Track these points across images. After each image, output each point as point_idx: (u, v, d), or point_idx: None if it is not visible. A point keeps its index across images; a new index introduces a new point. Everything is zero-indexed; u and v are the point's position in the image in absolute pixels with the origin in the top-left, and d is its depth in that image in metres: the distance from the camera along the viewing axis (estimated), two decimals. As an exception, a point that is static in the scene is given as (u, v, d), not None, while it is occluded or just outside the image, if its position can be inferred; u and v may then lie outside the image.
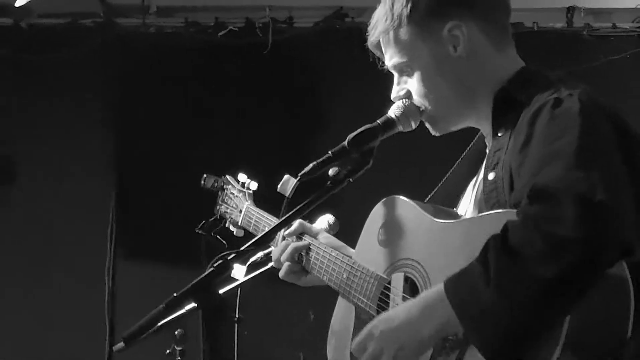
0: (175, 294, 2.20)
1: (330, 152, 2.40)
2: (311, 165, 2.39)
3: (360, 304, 2.54)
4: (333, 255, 2.70)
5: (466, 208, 2.49)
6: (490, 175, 2.31)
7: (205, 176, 3.36)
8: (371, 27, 2.52)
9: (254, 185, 3.24)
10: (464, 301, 2.03)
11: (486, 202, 2.30)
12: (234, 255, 2.25)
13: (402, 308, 2.20)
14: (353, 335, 2.49)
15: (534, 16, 6.00)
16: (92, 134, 6.00)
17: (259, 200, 3.23)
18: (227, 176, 3.34)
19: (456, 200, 2.57)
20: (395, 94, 2.51)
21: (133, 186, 6.01)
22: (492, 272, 1.97)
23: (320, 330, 2.80)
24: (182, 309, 2.88)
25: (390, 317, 2.20)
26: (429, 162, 4.87)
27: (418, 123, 2.50)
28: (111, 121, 6.03)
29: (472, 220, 2.32)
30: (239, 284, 3.28)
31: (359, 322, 2.53)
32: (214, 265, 2.23)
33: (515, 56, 2.47)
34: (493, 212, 2.22)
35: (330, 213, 2.98)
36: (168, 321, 2.92)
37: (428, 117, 2.49)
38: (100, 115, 6.02)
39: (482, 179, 2.36)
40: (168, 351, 4.30)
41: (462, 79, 2.41)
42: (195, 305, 2.22)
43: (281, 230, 2.76)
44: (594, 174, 1.98)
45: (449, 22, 2.40)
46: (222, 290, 3.14)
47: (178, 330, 4.15)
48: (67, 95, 5.96)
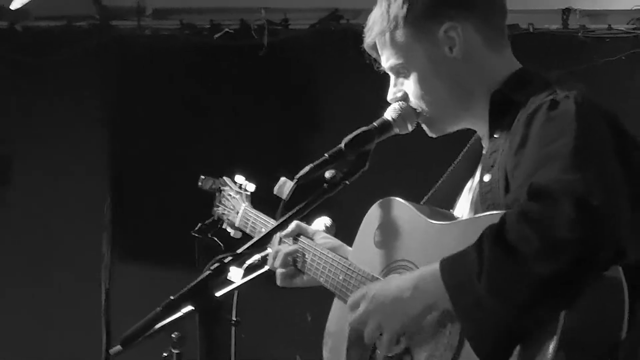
0: (172, 297, 2.19)
1: (326, 154, 2.40)
2: (307, 167, 2.39)
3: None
4: (329, 257, 2.70)
5: (463, 209, 2.49)
6: (486, 177, 2.32)
7: (202, 178, 3.36)
8: (367, 29, 2.52)
9: (251, 187, 3.25)
10: (458, 288, 2.06)
11: (482, 203, 2.30)
12: (230, 258, 2.25)
13: (397, 279, 2.26)
14: (349, 337, 2.49)
15: (529, 18, 6.00)
16: (88, 136, 6.00)
17: (255, 202, 3.23)
18: (225, 178, 3.34)
19: (453, 201, 2.58)
20: (391, 95, 2.51)
21: (130, 187, 6.01)
22: (486, 265, 2.00)
23: (318, 332, 2.80)
24: (179, 311, 2.89)
25: (385, 285, 2.27)
26: (425, 164, 4.87)
27: (414, 125, 2.50)
28: (108, 123, 6.03)
29: (468, 222, 2.33)
30: (235, 287, 3.28)
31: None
32: (211, 267, 2.23)
33: (511, 57, 2.48)
34: (488, 213, 2.22)
35: (327, 215, 2.98)
36: (165, 324, 2.93)
37: (425, 119, 2.49)
38: (96, 117, 6.02)
39: (478, 181, 2.36)
40: (165, 354, 4.29)
41: (459, 80, 2.42)
42: (192, 308, 2.22)
43: (278, 232, 2.77)
44: (589, 175, 1.99)
45: (445, 24, 2.40)
46: (219, 293, 3.13)
47: (175, 333, 4.13)
48: (64, 97, 5.96)
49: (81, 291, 5.90)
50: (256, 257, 3.23)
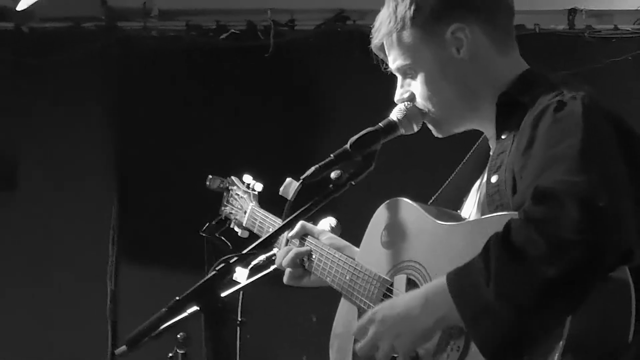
0: (177, 297, 2.20)
1: (332, 155, 2.40)
2: (313, 168, 2.39)
3: (362, 306, 2.54)
4: (336, 257, 2.70)
5: (470, 210, 2.49)
6: (493, 178, 2.32)
7: (210, 177, 3.37)
8: (374, 30, 2.52)
9: (259, 187, 3.25)
10: (465, 296, 2.04)
11: (489, 204, 2.30)
12: (236, 258, 2.25)
13: (404, 297, 2.25)
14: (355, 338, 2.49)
15: (535, 18, 5.99)
16: (94, 137, 6.01)
17: (261, 202, 3.23)
18: (233, 177, 3.34)
19: (460, 202, 2.58)
20: (398, 96, 2.51)
21: (136, 188, 6.02)
22: (493, 271, 1.99)
23: (323, 333, 2.80)
24: (185, 312, 2.89)
25: (392, 305, 2.24)
26: (431, 165, 4.87)
27: (420, 126, 2.50)
28: (113, 124, 6.04)
29: (475, 223, 2.33)
30: (241, 287, 3.28)
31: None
32: (217, 268, 2.23)
33: (518, 58, 2.48)
34: (496, 214, 2.22)
35: (333, 216, 2.98)
36: (170, 324, 2.93)
37: (431, 120, 2.49)
38: (102, 118, 6.03)
39: (486, 182, 2.36)
40: (170, 354, 4.30)
41: (466, 81, 2.42)
42: (198, 308, 2.22)
43: (283, 233, 2.76)
44: (596, 177, 1.99)
45: (452, 25, 2.40)
46: (224, 294, 3.13)
47: (180, 334, 4.14)
48: (69, 99, 5.97)
49: (87, 291, 5.91)
50: (262, 257, 3.22)
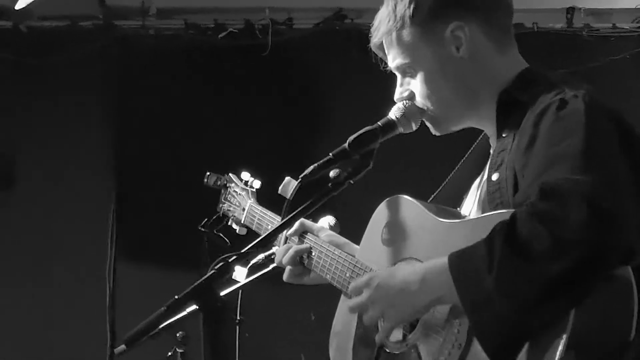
0: (176, 296, 2.20)
1: (330, 154, 2.40)
2: (312, 167, 2.39)
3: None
4: (336, 254, 2.70)
5: (470, 208, 2.49)
6: (494, 176, 2.32)
7: (208, 174, 3.36)
8: (374, 29, 2.52)
9: (257, 184, 3.25)
10: (466, 281, 2.05)
11: (490, 202, 2.30)
12: (235, 257, 2.25)
13: (404, 270, 2.25)
14: (355, 336, 2.49)
15: (534, 17, 6.00)
16: (92, 136, 6.01)
17: (260, 201, 3.23)
18: (230, 174, 3.34)
19: (459, 200, 2.58)
20: (398, 95, 2.51)
21: (134, 187, 6.01)
22: (496, 261, 1.99)
23: (322, 331, 2.80)
24: (184, 311, 2.89)
25: (391, 274, 2.26)
26: (430, 163, 4.88)
27: (419, 124, 2.50)
28: (111, 123, 6.04)
29: (476, 220, 2.32)
30: (240, 286, 3.28)
31: (362, 322, 2.52)
32: (215, 267, 2.23)
33: (518, 57, 2.48)
34: (497, 212, 2.22)
35: (331, 214, 2.97)
36: (169, 323, 2.93)
37: (430, 118, 2.49)
38: (100, 117, 6.03)
39: (486, 180, 2.36)
40: (169, 353, 4.30)
41: (465, 80, 2.42)
42: (197, 307, 2.22)
43: (282, 232, 2.76)
44: (600, 176, 1.99)
45: (451, 23, 2.40)
46: (223, 292, 3.13)
47: (179, 333, 4.15)
48: (67, 98, 5.97)
49: (86, 291, 5.91)
50: (260, 256, 3.23)
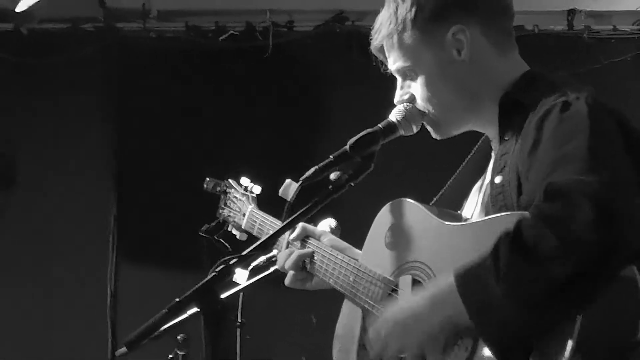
0: (177, 299, 2.19)
1: (331, 156, 2.40)
2: (312, 169, 2.39)
3: (367, 307, 2.54)
4: (339, 258, 2.70)
5: (471, 211, 2.49)
6: (497, 179, 2.31)
7: (207, 180, 3.36)
8: (375, 31, 2.51)
9: (257, 189, 3.24)
10: (473, 295, 2.03)
11: (493, 205, 2.30)
12: (236, 259, 2.25)
13: (413, 298, 2.23)
14: (359, 339, 2.49)
15: (534, 19, 6.00)
16: (93, 137, 6.01)
17: (260, 203, 3.23)
18: (230, 180, 3.33)
19: (460, 203, 2.57)
20: (398, 98, 2.51)
21: (135, 189, 6.01)
22: (503, 268, 1.98)
23: (323, 334, 2.80)
24: (185, 313, 2.89)
25: (401, 307, 2.23)
26: (431, 167, 4.88)
27: (419, 127, 2.50)
28: (112, 124, 6.04)
29: (481, 223, 2.31)
30: (241, 289, 3.28)
31: (366, 325, 2.52)
32: (216, 269, 2.23)
33: (519, 60, 2.48)
34: (501, 214, 2.21)
35: (332, 217, 2.97)
36: (170, 326, 2.93)
37: (431, 121, 2.49)
38: (100, 119, 6.03)
39: (489, 182, 2.36)
40: (170, 356, 4.30)
41: (466, 83, 2.42)
42: (198, 309, 2.22)
43: (283, 234, 2.76)
44: (607, 176, 1.99)
45: (453, 27, 2.40)
46: (224, 295, 3.13)
47: (180, 335, 4.15)
48: (68, 99, 5.97)
49: (87, 292, 5.91)
50: (262, 258, 3.22)
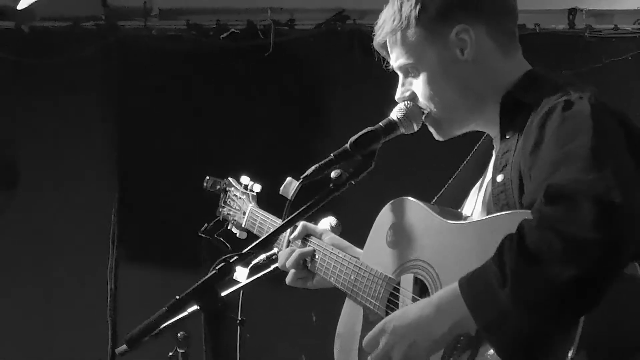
0: (177, 297, 2.20)
1: (332, 154, 2.40)
2: (313, 167, 2.39)
3: (369, 305, 2.54)
4: (340, 256, 2.70)
5: (471, 209, 2.49)
6: (499, 177, 2.31)
7: (207, 178, 3.36)
8: (378, 27, 2.51)
9: (257, 188, 3.24)
10: (479, 302, 2.03)
11: (495, 204, 2.29)
12: (236, 257, 2.25)
13: (416, 305, 2.21)
14: (360, 338, 2.49)
15: (536, 18, 6.00)
16: (95, 137, 6.01)
17: (260, 202, 3.23)
18: (230, 178, 3.33)
19: (461, 202, 2.57)
20: (399, 95, 2.51)
21: (135, 189, 6.01)
22: (509, 273, 1.97)
23: (323, 332, 2.80)
24: (185, 311, 2.89)
25: (404, 314, 2.21)
26: (431, 164, 4.87)
27: (420, 125, 2.49)
28: (113, 123, 6.04)
29: (483, 222, 2.30)
30: (241, 287, 3.28)
31: (367, 324, 2.52)
32: (217, 267, 2.23)
33: (522, 60, 2.47)
34: (504, 213, 2.21)
35: (333, 215, 2.97)
36: (170, 324, 2.93)
37: (432, 120, 2.49)
38: (102, 118, 6.03)
39: (490, 181, 2.35)
40: (170, 354, 4.29)
41: (469, 82, 2.42)
42: (198, 307, 2.22)
43: (283, 232, 2.76)
44: (609, 175, 1.98)
45: (457, 26, 2.40)
46: (224, 293, 3.14)
47: (180, 333, 4.14)
48: (69, 98, 5.97)
49: (87, 291, 5.91)
50: (262, 256, 3.23)
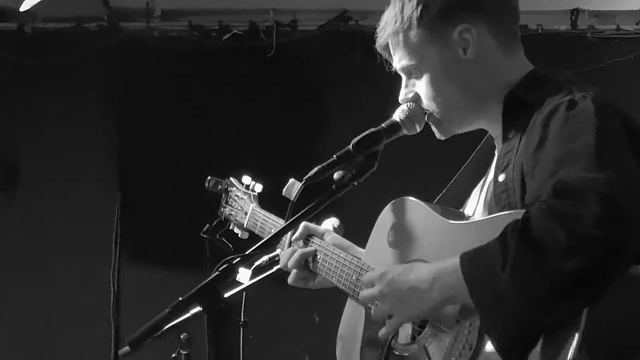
0: (180, 298, 2.20)
1: (335, 155, 2.41)
2: (316, 169, 2.40)
3: (370, 305, 2.53)
4: (341, 257, 2.70)
5: (473, 209, 2.49)
6: (501, 177, 2.31)
7: (209, 178, 3.36)
8: (380, 29, 2.51)
9: (259, 188, 3.24)
10: (479, 283, 2.04)
11: (497, 203, 2.30)
12: (239, 259, 2.25)
13: (419, 268, 2.23)
14: (362, 338, 2.49)
15: (538, 19, 5.99)
16: (96, 138, 6.01)
17: (262, 203, 3.23)
18: (232, 178, 3.34)
19: (463, 202, 2.57)
20: (402, 96, 2.51)
21: (138, 189, 6.01)
22: (510, 259, 1.98)
23: (326, 333, 2.80)
24: (188, 312, 2.89)
25: (405, 270, 2.24)
26: (433, 165, 4.87)
27: (423, 126, 2.50)
28: (115, 125, 6.04)
29: (485, 221, 2.31)
30: (244, 288, 3.28)
31: (369, 324, 2.53)
32: (219, 269, 2.23)
33: (524, 59, 2.48)
34: (505, 212, 2.22)
35: (335, 216, 2.98)
36: (173, 325, 2.93)
37: (435, 120, 2.49)
38: (104, 119, 6.03)
39: (492, 180, 2.36)
40: (173, 355, 4.29)
41: (471, 82, 2.42)
42: (201, 309, 2.23)
43: (286, 233, 2.76)
44: (615, 174, 1.99)
45: (459, 26, 2.40)
46: (227, 294, 3.13)
47: (183, 334, 4.14)
48: (71, 99, 5.97)
49: (89, 292, 5.91)
50: (265, 258, 3.22)
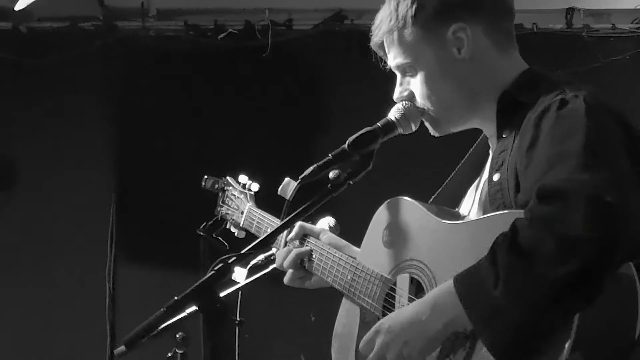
0: (176, 297, 2.20)
1: (330, 154, 2.40)
2: (311, 168, 2.39)
3: (365, 305, 2.54)
4: (337, 256, 2.70)
5: (469, 209, 2.49)
6: (495, 176, 2.31)
7: (205, 177, 3.36)
8: (375, 27, 2.51)
9: (255, 187, 3.24)
10: (473, 300, 2.03)
11: (491, 203, 2.30)
12: (234, 258, 2.25)
13: (411, 305, 2.21)
14: (358, 338, 2.49)
15: (533, 17, 5.99)
16: (93, 137, 6.00)
17: (258, 202, 3.23)
18: (228, 177, 3.34)
19: (458, 201, 2.57)
20: (397, 94, 2.51)
21: (133, 189, 6.01)
22: (501, 272, 1.98)
23: (322, 332, 2.80)
24: (183, 312, 2.90)
25: (398, 314, 2.23)
26: (429, 164, 4.88)
27: (418, 125, 2.50)
28: (112, 124, 6.04)
29: (479, 221, 2.31)
30: (240, 287, 3.28)
31: (364, 324, 2.52)
32: (215, 268, 2.23)
33: (519, 59, 2.48)
34: (499, 212, 2.22)
35: (331, 215, 2.98)
36: (169, 324, 2.94)
37: (430, 119, 2.49)
38: (101, 118, 6.02)
39: (487, 180, 2.36)
40: (169, 354, 4.29)
41: (466, 81, 2.42)
42: (197, 308, 2.22)
43: (282, 232, 2.76)
44: (602, 174, 1.98)
45: (453, 25, 2.40)
46: (223, 293, 3.14)
47: (179, 334, 4.14)
48: (67, 98, 5.96)
49: (85, 292, 5.91)
50: (260, 257, 3.23)
